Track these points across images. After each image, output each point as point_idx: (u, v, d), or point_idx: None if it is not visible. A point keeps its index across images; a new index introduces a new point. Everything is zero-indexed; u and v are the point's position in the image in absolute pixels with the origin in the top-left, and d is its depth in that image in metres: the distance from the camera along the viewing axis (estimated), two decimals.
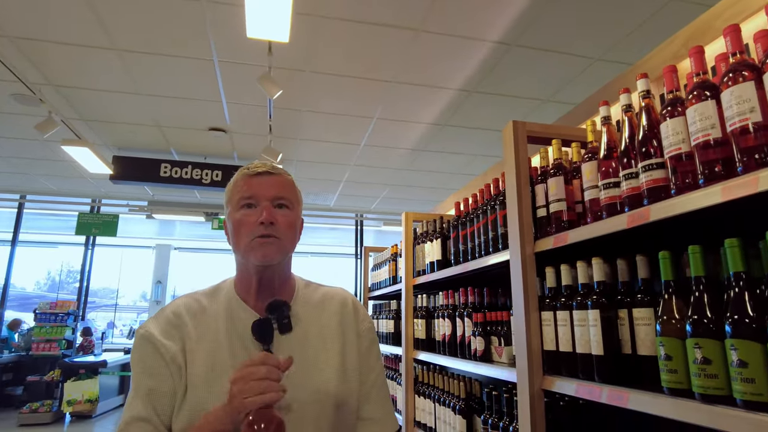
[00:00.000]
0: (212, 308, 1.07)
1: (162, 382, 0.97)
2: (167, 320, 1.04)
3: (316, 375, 1.03)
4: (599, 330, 1.24)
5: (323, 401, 1.01)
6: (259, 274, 1.06)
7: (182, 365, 0.98)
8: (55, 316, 8.16)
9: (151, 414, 0.95)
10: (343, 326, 1.13)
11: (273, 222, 1.03)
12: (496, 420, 1.76)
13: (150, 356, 0.99)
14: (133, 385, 0.99)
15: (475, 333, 1.99)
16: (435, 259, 2.48)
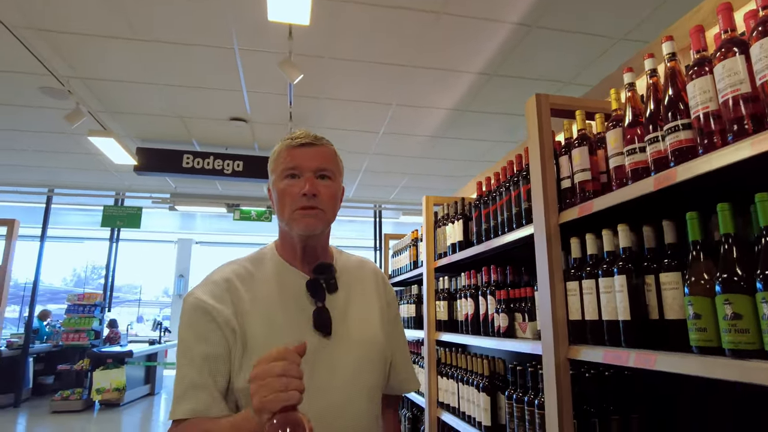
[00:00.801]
0: (260, 273, 1.09)
1: (216, 346, 0.96)
2: (216, 285, 1.04)
3: (367, 329, 1.11)
4: (626, 296, 1.24)
5: (374, 355, 1.09)
6: (302, 242, 1.10)
7: (236, 328, 0.98)
8: (83, 307, 8.39)
9: (206, 380, 0.94)
10: (377, 291, 1.22)
11: (315, 194, 1.05)
12: (521, 395, 1.77)
13: (202, 321, 0.98)
14: (182, 354, 0.97)
15: (499, 310, 2.00)
16: (457, 240, 2.49)
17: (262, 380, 0.76)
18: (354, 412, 1.03)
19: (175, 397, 0.94)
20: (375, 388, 1.10)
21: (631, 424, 1.52)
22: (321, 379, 1.01)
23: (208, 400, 0.92)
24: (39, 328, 9.15)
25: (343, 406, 1.01)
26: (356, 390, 1.05)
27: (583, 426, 1.49)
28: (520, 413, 1.74)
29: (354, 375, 1.05)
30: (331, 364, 1.03)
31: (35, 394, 8.75)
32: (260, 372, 0.76)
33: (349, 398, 1.03)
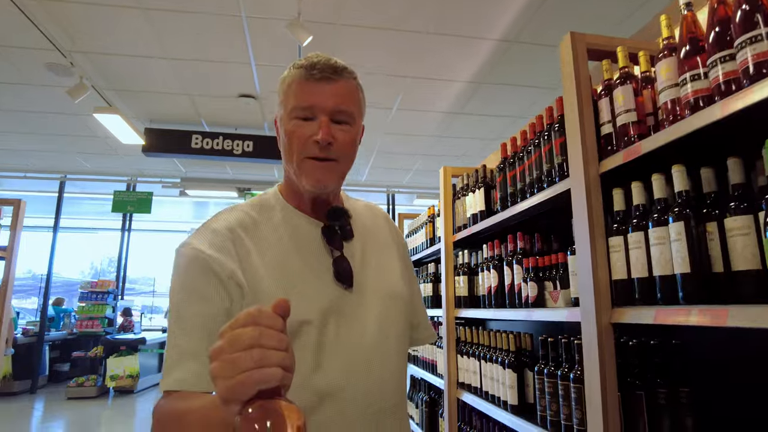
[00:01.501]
0: (266, 221, 0.93)
1: (216, 305, 0.80)
2: (216, 234, 0.86)
3: (387, 277, 0.98)
4: (684, 244, 1.07)
5: (397, 302, 0.97)
6: (312, 196, 0.94)
7: (244, 284, 0.82)
8: (95, 295, 8.41)
9: (199, 347, 0.77)
10: (392, 237, 1.09)
11: (331, 142, 0.88)
12: (553, 369, 1.61)
13: (200, 276, 0.81)
14: (175, 317, 0.81)
15: (527, 279, 1.84)
16: (478, 210, 2.32)
17: (227, 355, 0.51)
18: (385, 367, 0.90)
19: (166, 367, 0.79)
20: (403, 340, 0.97)
21: (681, 398, 1.36)
22: (348, 333, 0.87)
23: (199, 370, 0.76)
24: (54, 316, 9.21)
25: (373, 362, 0.88)
26: (385, 343, 0.91)
27: (627, 399, 1.33)
28: (552, 388, 1.58)
29: (381, 327, 0.91)
30: (356, 317, 0.89)
31: (51, 381, 8.82)
32: (224, 344, 0.52)
33: (380, 352, 0.90)
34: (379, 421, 0.85)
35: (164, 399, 0.76)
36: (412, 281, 1.10)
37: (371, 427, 0.84)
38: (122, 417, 6.76)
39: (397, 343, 0.94)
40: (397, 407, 0.90)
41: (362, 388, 0.84)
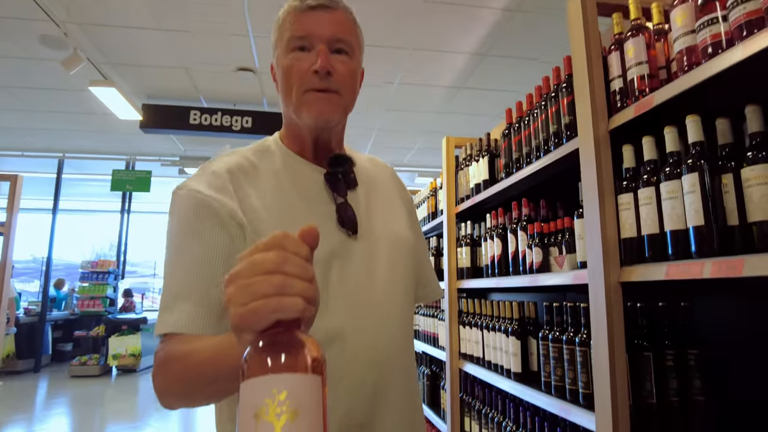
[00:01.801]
0: (266, 166, 0.88)
1: (214, 246, 0.75)
2: (215, 175, 0.82)
3: (392, 226, 0.95)
4: (698, 197, 1.04)
5: (402, 250, 0.93)
6: (314, 135, 0.89)
7: (245, 224, 0.78)
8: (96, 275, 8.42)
9: (195, 289, 0.74)
10: (397, 190, 1.06)
11: (330, 71, 0.83)
12: (558, 334, 1.59)
13: (198, 215, 0.77)
14: (170, 259, 0.77)
15: (531, 245, 1.81)
16: (481, 180, 2.28)
17: (245, 279, 0.46)
18: (392, 313, 0.86)
19: (160, 309, 0.76)
20: (410, 291, 0.94)
21: (689, 360, 1.33)
22: (354, 278, 0.83)
23: (193, 313, 0.72)
24: (56, 297, 9.25)
25: (380, 306, 0.85)
26: (392, 290, 0.88)
27: (634, 361, 1.31)
28: (557, 353, 1.56)
29: (389, 275, 0.88)
30: (361, 262, 0.85)
31: (54, 360, 8.89)
32: (241, 269, 0.47)
33: (386, 298, 0.86)
34: (386, 365, 0.82)
35: (164, 342, 0.72)
36: (419, 235, 1.06)
37: (379, 371, 0.81)
38: (125, 395, 6.81)
39: (404, 290, 0.91)
40: (404, 355, 0.87)
41: (369, 331, 0.81)
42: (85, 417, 5.59)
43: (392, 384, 0.83)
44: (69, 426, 5.30)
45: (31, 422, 5.37)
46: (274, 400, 0.39)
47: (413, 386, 0.91)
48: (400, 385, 0.85)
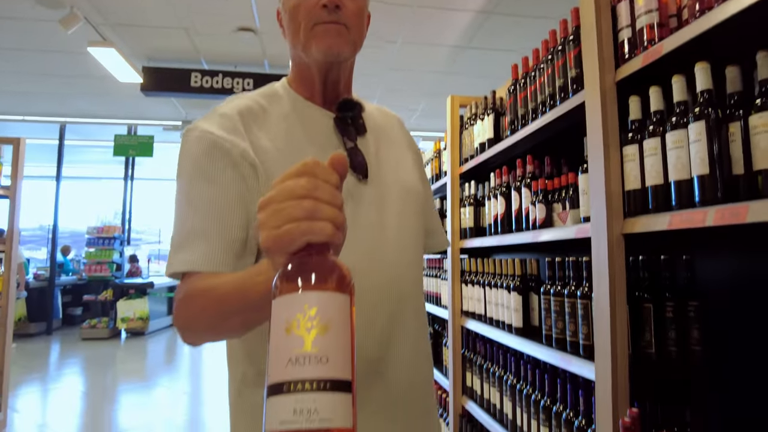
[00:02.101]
0: (276, 109, 0.88)
1: (227, 187, 0.75)
2: (225, 117, 0.82)
3: (402, 174, 0.94)
4: (704, 145, 1.03)
5: (412, 197, 0.94)
6: (323, 74, 0.88)
7: (257, 164, 0.77)
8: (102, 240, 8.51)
9: (210, 228, 0.73)
10: (406, 140, 1.05)
11: (339, 5, 0.81)
12: (560, 288, 1.61)
13: (210, 156, 0.76)
14: (181, 199, 0.77)
15: (535, 202, 1.81)
16: (486, 139, 2.27)
17: (277, 204, 0.48)
18: (403, 255, 0.87)
19: (172, 248, 0.76)
20: (419, 238, 0.95)
21: (689, 311, 1.36)
22: (365, 219, 0.84)
23: (209, 251, 0.71)
24: (64, 263, 9.38)
25: (391, 249, 0.85)
26: (403, 234, 0.89)
27: (635, 312, 1.33)
28: (558, 307, 1.59)
29: (399, 220, 0.88)
30: (372, 206, 0.86)
31: (65, 324, 9.10)
32: (274, 194, 0.48)
33: (398, 241, 0.87)
34: (398, 304, 0.83)
35: (184, 282, 0.73)
36: (427, 185, 1.06)
37: (391, 310, 0.82)
38: (135, 356, 6.99)
39: (414, 236, 0.91)
40: (415, 296, 0.88)
41: (381, 271, 0.82)
42: (97, 377, 5.75)
43: (403, 322, 0.84)
44: (82, 384, 5.46)
45: (46, 381, 5.53)
46: (305, 315, 0.40)
47: (423, 327, 0.92)
48: (411, 324, 0.86)
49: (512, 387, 1.93)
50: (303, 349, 0.39)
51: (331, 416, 0.38)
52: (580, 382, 1.52)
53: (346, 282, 0.44)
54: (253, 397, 0.81)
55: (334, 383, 0.39)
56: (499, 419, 2.06)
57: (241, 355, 0.83)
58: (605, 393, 1.28)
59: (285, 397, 0.38)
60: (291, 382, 0.38)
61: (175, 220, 0.77)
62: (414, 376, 0.86)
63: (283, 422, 0.37)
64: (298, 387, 0.38)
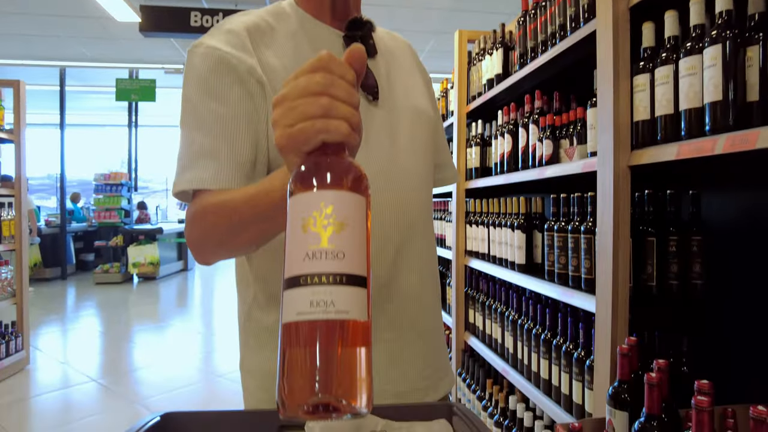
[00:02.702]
0: (283, 27, 0.84)
1: (235, 105, 0.73)
2: (232, 33, 0.78)
3: (413, 100, 0.91)
4: (719, 70, 0.99)
5: (424, 122, 0.91)
6: None
7: (264, 81, 0.75)
8: (109, 187, 8.57)
9: (219, 146, 0.71)
10: (416, 65, 1.01)
11: None
12: (564, 224, 1.61)
13: (216, 73, 0.74)
14: (188, 118, 0.75)
15: (542, 138, 1.78)
16: (494, 74, 2.20)
17: (291, 102, 0.46)
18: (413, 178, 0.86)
19: (179, 166, 0.74)
20: (430, 165, 0.93)
21: (692, 246, 1.36)
22: (377, 141, 0.82)
23: (219, 169, 0.71)
24: (74, 210, 9.51)
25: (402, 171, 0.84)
26: (415, 159, 0.87)
27: (638, 245, 1.34)
28: (561, 242, 1.59)
29: (411, 144, 0.87)
30: (383, 128, 0.84)
31: (79, 269, 9.34)
32: (287, 91, 0.46)
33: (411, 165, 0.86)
34: (409, 228, 0.83)
35: (195, 199, 0.72)
36: (438, 114, 1.03)
37: (402, 233, 0.82)
38: (148, 299, 7.20)
39: (425, 162, 0.90)
40: (425, 220, 0.88)
41: (393, 192, 0.82)
42: (112, 318, 5.96)
43: (411, 246, 0.84)
44: (99, 325, 5.67)
45: (64, 322, 5.74)
46: (321, 213, 0.40)
47: (431, 251, 0.93)
48: (419, 247, 0.86)
49: (513, 322, 1.98)
50: (320, 245, 0.39)
51: (347, 308, 0.39)
52: (581, 315, 1.55)
53: (363, 183, 0.44)
54: (263, 320, 0.83)
55: (349, 278, 0.39)
56: (500, 353, 2.13)
57: (251, 278, 0.84)
58: (605, 324, 1.31)
59: (302, 290, 0.39)
60: (308, 275, 0.39)
61: (182, 140, 0.75)
62: (422, 297, 0.87)
63: (300, 313, 0.38)
64: (315, 280, 0.38)
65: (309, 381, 0.38)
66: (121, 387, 3.60)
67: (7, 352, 3.72)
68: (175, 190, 0.74)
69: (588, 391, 1.43)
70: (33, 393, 3.52)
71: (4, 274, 3.73)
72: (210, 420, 0.69)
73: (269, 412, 0.70)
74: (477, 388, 2.43)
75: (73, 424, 3.00)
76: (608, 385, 1.24)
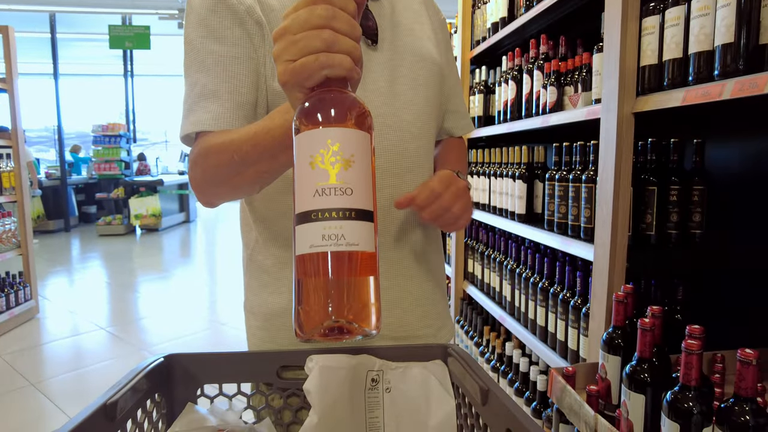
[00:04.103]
0: None
1: (235, 45, 0.73)
2: None
3: (418, 42, 0.87)
4: (732, 10, 0.95)
5: (429, 68, 0.87)
6: None
7: (263, 22, 0.74)
8: (108, 138, 8.49)
9: (220, 87, 0.72)
10: (427, 10, 0.96)
11: None
12: (565, 173, 1.59)
13: (216, 13, 0.73)
14: (190, 60, 0.75)
15: (546, 85, 1.74)
16: (499, 18, 2.12)
17: (293, 35, 0.45)
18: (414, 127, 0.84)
19: (185, 109, 0.75)
20: (433, 109, 0.89)
21: (693, 196, 1.35)
22: (373, 86, 0.80)
23: (221, 111, 0.72)
24: (74, 162, 9.46)
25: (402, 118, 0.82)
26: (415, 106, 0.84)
27: (638, 195, 1.33)
28: (562, 191, 1.59)
29: (412, 91, 0.84)
30: (382, 73, 0.81)
31: (82, 221, 9.41)
32: (288, 24, 0.45)
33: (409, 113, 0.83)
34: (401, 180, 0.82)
35: (198, 140, 0.73)
36: (450, 63, 0.99)
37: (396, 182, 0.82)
38: (151, 250, 7.29)
39: (426, 106, 0.87)
40: (423, 168, 0.86)
41: (388, 140, 0.80)
42: (117, 269, 6.05)
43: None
44: (104, 275, 5.76)
45: (71, 272, 5.84)
46: (328, 150, 0.42)
47: None
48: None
49: (512, 271, 2.00)
50: (328, 181, 0.41)
51: (356, 241, 0.41)
52: (579, 264, 1.56)
53: (367, 120, 0.44)
54: (263, 262, 0.85)
55: (358, 212, 0.42)
56: (498, 301, 2.17)
57: (252, 220, 0.86)
58: (602, 272, 1.32)
59: (313, 225, 0.41)
60: (319, 210, 0.41)
61: (186, 83, 0.76)
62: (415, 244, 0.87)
63: (312, 246, 0.41)
64: (326, 215, 0.41)
65: (323, 306, 0.41)
66: (128, 335, 3.71)
67: (17, 301, 3.80)
68: (181, 134, 0.75)
69: (583, 337, 1.46)
70: (44, 340, 3.63)
71: (8, 226, 3.76)
72: (213, 361, 0.71)
73: (271, 353, 0.72)
74: (475, 334, 2.49)
75: (84, 369, 3.11)
76: (603, 332, 1.27)
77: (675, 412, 0.78)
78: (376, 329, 0.42)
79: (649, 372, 0.89)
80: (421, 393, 0.69)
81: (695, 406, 0.76)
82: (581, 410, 0.99)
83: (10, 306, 3.73)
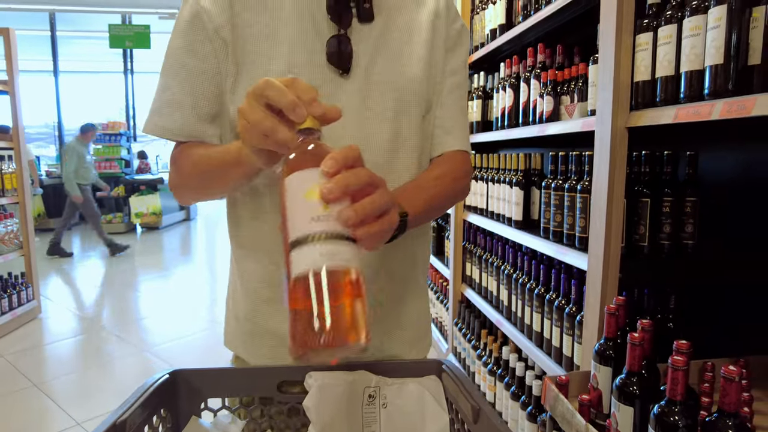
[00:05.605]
0: None
1: (203, 60, 0.78)
2: None
3: (399, 68, 0.84)
4: (722, 32, 0.98)
5: (403, 98, 0.84)
6: None
7: (228, 39, 0.77)
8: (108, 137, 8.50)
9: (185, 100, 0.78)
10: (434, 21, 0.89)
11: None
12: (561, 182, 1.62)
13: (192, 26, 0.78)
14: (167, 64, 0.80)
15: (543, 94, 1.76)
16: (498, 24, 2.14)
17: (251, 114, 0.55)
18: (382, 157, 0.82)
19: (152, 107, 0.80)
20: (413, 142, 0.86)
21: (685, 207, 1.38)
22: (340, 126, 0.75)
23: (182, 122, 0.78)
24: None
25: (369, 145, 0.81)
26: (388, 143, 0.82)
27: (632, 205, 1.36)
28: (558, 200, 1.61)
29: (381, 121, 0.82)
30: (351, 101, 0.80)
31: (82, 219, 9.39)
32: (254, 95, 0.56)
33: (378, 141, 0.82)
34: None
35: (179, 147, 0.82)
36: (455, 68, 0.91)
37: None
38: (152, 248, 7.32)
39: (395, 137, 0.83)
40: None
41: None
42: (118, 267, 6.08)
43: None
44: (105, 273, 5.79)
45: (71, 272, 5.87)
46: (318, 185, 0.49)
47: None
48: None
49: (509, 276, 2.03)
50: (323, 210, 0.48)
51: (349, 258, 0.48)
52: (574, 272, 1.59)
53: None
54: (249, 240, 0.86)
55: (348, 237, 0.49)
56: (495, 305, 2.20)
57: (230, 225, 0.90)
58: (596, 282, 1.35)
59: (311, 245, 0.47)
60: (316, 233, 0.47)
61: (159, 82, 0.81)
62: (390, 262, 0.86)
63: (311, 263, 0.46)
64: (323, 237, 0.47)
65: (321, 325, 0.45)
66: (129, 335, 3.73)
67: (19, 301, 3.83)
68: (145, 129, 0.81)
69: (577, 345, 1.49)
70: (47, 340, 3.66)
71: (10, 227, 3.78)
72: (216, 376, 0.74)
73: (271, 368, 0.75)
74: (472, 337, 2.52)
75: (87, 370, 3.14)
76: (596, 341, 1.30)
77: (661, 426, 0.81)
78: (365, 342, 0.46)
79: (638, 385, 0.92)
80: (417, 408, 0.72)
81: (680, 420, 0.79)
82: (573, 419, 1.02)
83: (13, 306, 3.76)
